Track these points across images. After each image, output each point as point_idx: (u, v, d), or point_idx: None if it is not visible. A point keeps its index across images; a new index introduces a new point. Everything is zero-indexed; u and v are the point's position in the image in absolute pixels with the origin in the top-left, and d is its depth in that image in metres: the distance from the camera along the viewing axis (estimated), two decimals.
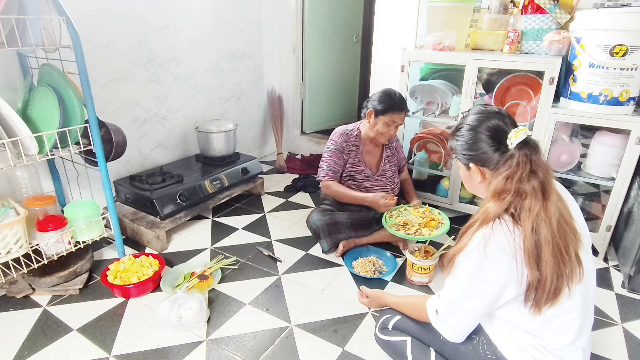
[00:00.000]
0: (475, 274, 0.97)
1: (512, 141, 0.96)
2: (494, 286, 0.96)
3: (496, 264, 0.94)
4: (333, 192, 2.05)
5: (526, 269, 0.91)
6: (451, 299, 1.06)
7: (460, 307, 1.04)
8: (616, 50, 1.74)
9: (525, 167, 0.95)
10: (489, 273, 0.95)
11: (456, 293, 1.04)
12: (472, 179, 1.09)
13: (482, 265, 0.95)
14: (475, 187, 1.12)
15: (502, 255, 0.93)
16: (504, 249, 0.93)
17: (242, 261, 2.00)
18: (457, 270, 1.02)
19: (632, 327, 1.62)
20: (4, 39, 1.42)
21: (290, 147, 3.64)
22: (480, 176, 1.05)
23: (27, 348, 1.45)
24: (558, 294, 0.93)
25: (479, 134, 1.02)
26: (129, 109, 2.35)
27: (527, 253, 0.91)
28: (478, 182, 1.07)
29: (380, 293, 1.43)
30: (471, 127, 1.03)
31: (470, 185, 1.14)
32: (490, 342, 1.09)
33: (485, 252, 0.94)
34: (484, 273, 0.96)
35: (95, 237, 1.83)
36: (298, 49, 3.32)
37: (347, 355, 1.45)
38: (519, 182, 0.94)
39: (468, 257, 0.98)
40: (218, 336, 1.52)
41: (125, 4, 2.19)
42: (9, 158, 1.49)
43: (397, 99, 1.95)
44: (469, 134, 1.04)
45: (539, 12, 2.08)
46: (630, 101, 1.83)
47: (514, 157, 0.96)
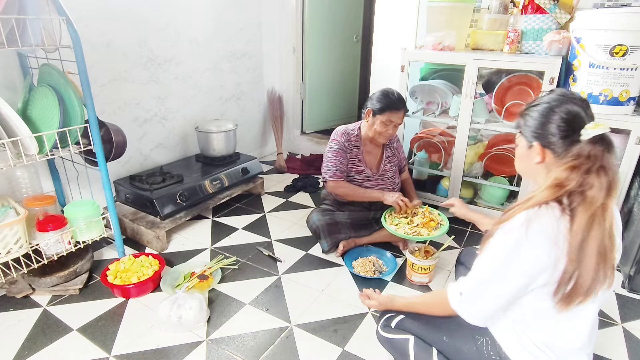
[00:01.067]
0: (512, 253, 0.92)
1: (588, 132, 0.91)
2: (528, 269, 0.91)
3: (536, 247, 0.90)
4: (344, 191, 2.03)
5: (563, 258, 0.88)
6: (481, 278, 0.99)
7: (488, 289, 0.98)
8: (616, 50, 1.74)
9: (596, 161, 0.90)
10: (527, 255, 0.90)
11: (487, 272, 0.97)
12: (530, 158, 1.03)
13: (521, 245, 0.90)
14: (528, 167, 1.06)
15: (543, 238, 0.89)
16: (546, 233, 0.89)
17: (242, 261, 2.00)
18: (492, 248, 0.96)
19: (632, 327, 1.62)
20: (4, 39, 1.42)
21: (290, 147, 3.64)
22: (540, 158, 1.00)
23: (27, 348, 1.45)
24: (590, 293, 0.91)
25: (554, 114, 0.96)
26: (129, 109, 2.36)
27: (573, 244, 0.88)
28: (535, 162, 1.01)
29: (391, 297, 1.34)
30: (550, 105, 0.97)
31: (523, 164, 1.08)
32: (494, 343, 1.07)
33: (527, 233, 0.89)
34: (521, 254, 0.91)
35: (95, 237, 1.83)
36: (298, 49, 3.32)
37: (347, 355, 1.45)
38: (585, 174, 0.90)
39: (507, 235, 0.93)
40: (218, 336, 1.52)
41: (125, 4, 2.19)
42: (9, 158, 1.49)
43: (394, 98, 1.95)
44: (545, 111, 0.97)
45: (539, 12, 2.08)
46: (630, 101, 1.83)
47: (585, 148, 0.91)
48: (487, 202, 2.37)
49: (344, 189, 2.02)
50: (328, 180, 2.03)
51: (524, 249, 0.90)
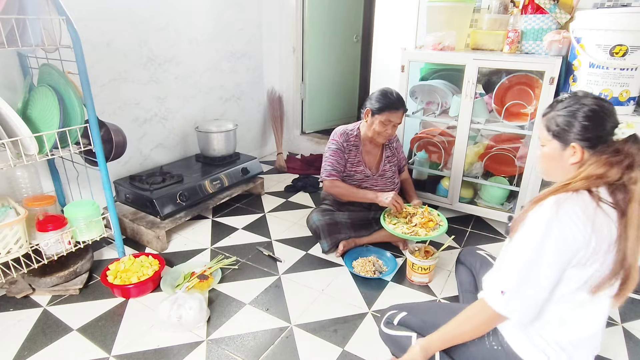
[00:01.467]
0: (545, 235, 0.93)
1: (623, 131, 0.97)
2: (563, 249, 0.93)
3: (567, 225, 0.92)
4: (339, 191, 2.03)
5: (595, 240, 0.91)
6: (519, 267, 0.98)
7: (530, 276, 0.96)
8: (616, 50, 1.74)
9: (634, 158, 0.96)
10: (560, 234, 0.92)
11: (524, 260, 0.97)
12: (564, 159, 1.04)
13: (553, 225, 0.92)
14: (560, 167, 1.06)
15: (575, 217, 0.92)
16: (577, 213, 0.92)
17: (242, 261, 2.00)
18: (524, 235, 0.98)
19: (632, 327, 1.62)
20: (4, 39, 1.42)
21: (290, 147, 3.64)
22: (579, 157, 1.01)
23: (27, 348, 1.45)
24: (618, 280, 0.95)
25: (597, 116, 0.99)
26: (129, 109, 2.36)
27: (629, 235, 0.92)
28: (570, 163, 1.03)
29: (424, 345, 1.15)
30: (591, 108, 1.00)
31: (553, 165, 1.08)
32: (496, 332, 1.07)
33: (558, 213, 0.92)
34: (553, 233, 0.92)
35: (95, 237, 1.83)
36: (298, 49, 3.32)
37: (347, 355, 1.45)
38: (627, 170, 0.95)
39: (539, 216, 0.95)
40: (218, 336, 1.52)
41: (125, 4, 2.19)
42: (9, 158, 1.49)
43: (393, 98, 1.95)
44: (588, 113, 1.00)
45: (539, 12, 2.08)
46: (630, 101, 1.83)
47: (622, 146, 0.97)
48: (487, 202, 2.37)
49: (339, 189, 2.03)
50: (324, 180, 2.04)
51: (555, 229, 0.92)
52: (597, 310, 1.01)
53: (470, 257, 1.54)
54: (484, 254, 1.51)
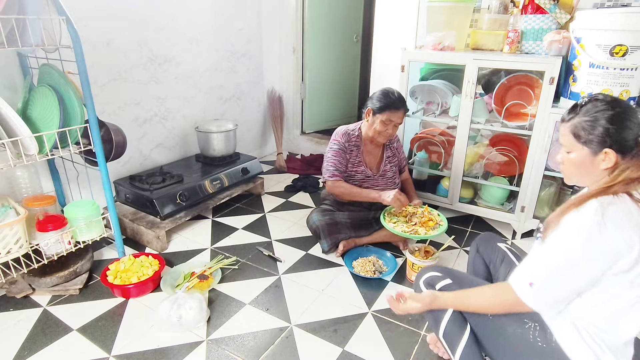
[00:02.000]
0: (588, 238, 0.92)
1: None
2: (606, 254, 0.92)
3: (613, 231, 0.90)
4: (341, 191, 2.02)
5: (637, 243, 0.90)
6: (554, 266, 0.96)
7: (563, 276, 0.95)
8: (616, 50, 1.74)
9: None
10: (605, 239, 0.91)
11: (561, 259, 0.95)
12: (594, 165, 1.02)
13: (597, 229, 0.91)
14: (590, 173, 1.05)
15: (620, 222, 0.91)
16: (622, 217, 0.91)
17: (242, 261, 2.00)
18: (564, 235, 0.95)
19: None
20: (4, 39, 1.42)
21: (290, 147, 3.64)
22: (613, 163, 1.00)
23: (27, 348, 1.45)
24: None
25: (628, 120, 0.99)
26: (129, 109, 2.36)
27: None
28: (602, 169, 1.01)
29: (433, 294, 1.18)
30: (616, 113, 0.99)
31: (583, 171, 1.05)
32: (544, 329, 1.03)
33: (603, 217, 0.91)
34: (598, 238, 0.91)
35: (95, 237, 1.83)
36: (298, 49, 3.32)
37: (347, 355, 1.45)
38: None
39: (581, 220, 0.94)
40: (218, 336, 1.52)
41: (125, 4, 2.19)
42: (9, 158, 1.49)
43: (394, 97, 1.95)
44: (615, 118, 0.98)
45: (539, 12, 2.08)
46: (630, 101, 1.83)
47: None
48: (487, 202, 2.37)
49: (341, 189, 2.02)
50: (327, 180, 2.03)
51: (601, 234, 0.91)
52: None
53: (490, 251, 1.45)
54: (505, 249, 1.43)
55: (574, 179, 1.10)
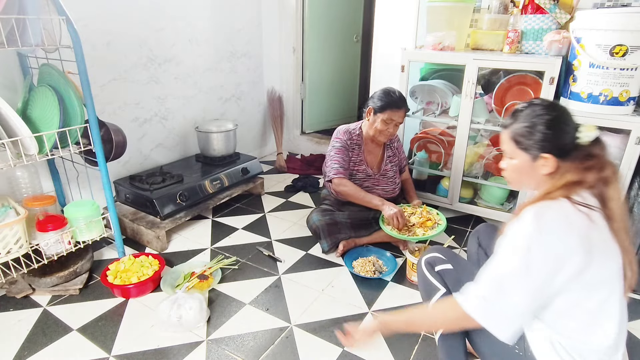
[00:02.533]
0: (526, 247, 0.91)
1: (588, 135, 0.98)
2: (547, 264, 0.90)
3: (552, 238, 0.90)
4: (345, 190, 2.00)
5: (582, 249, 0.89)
6: (498, 276, 0.94)
7: (506, 288, 0.92)
8: (616, 50, 1.74)
9: (602, 159, 0.97)
10: (543, 248, 0.90)
11: (503, 270, 0.93)
12: (535, 171, 1.03)
13: (535, 238, 0.90)
14: (532, 179, 1.06)
15: (558, 229, 0.90)
16: (561, 223, 0.91)
17: (242, 261, 2.00)
18: (506, 244, 0.95)
19: (632, 327, 1.62)
20: (4, 39, 1.42)
21: (290, 147, 3.64)
22: (552, 168, 1.00)
23: (27, 348, 1.45)
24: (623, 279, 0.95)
25: (562, 124, 1.00)
26: (129, 109, 2.36)
27: (621, 231, 0.94)
28: (543, 174, 1.02)
29: (383, 322, 1.11)
30: (553, 117, 1.00)
31: (524, 176, 1.07)
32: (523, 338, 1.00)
33: (539, 225, 0.90)
34: (537, 247, 0.90)
35: (95, 237, 1.83)
36: (298, 49, 3.32)
37: (347, 355, 1.45)
38: (600, 172, 0.96)
39: (520, 227, 0.93)
40: (218, 336, 1.52)
41: (125, 4, 2.19)
42: (9, 158, 1.49)
43: (396, 97, 1.95)
44: (552, 123, 1.00)
45: (539, 12, 2.08)
46: (630, 101, 1.83)
47: (590, 149, 0.97)
48: (487, 202, 2.37)
49: (346, 188, 2.00)
50: (332, 178, 2.01)
51: (538, 241, 0.90)
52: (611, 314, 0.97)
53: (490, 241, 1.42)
54: None
55: (517, 185, 1.11)
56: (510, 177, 1.12)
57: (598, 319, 0.96)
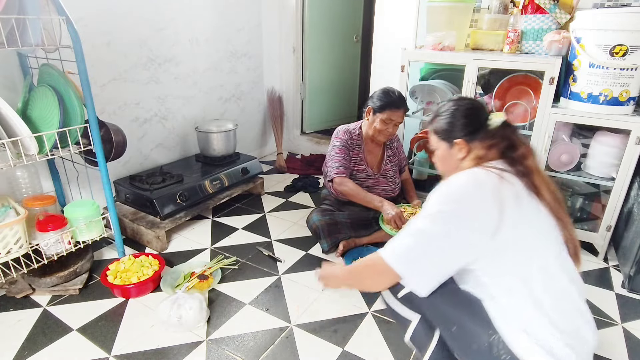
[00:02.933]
0: (442, 210, 0.99)
1: (495, 120, 1.11)
2: (461, 219, 0.97)
3: (462, 192, 1.00)
4: (346, 190, 1.99)
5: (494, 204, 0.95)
6: (415, 230, 1.01)
7: (430, 244, 0.98)
8: (616, 50, 1.74)
9: (511, 139, 1.08)
10: (456, 202, 0.99)
11: (419, 224, 1.01)
12: (453, 157, 1.17)
13: (448, 196, 1.01)
14: (452, 165, 1.18)
15: (468, 183, 1.00)
16: (470, 179, 1.01)
17: (242, 261, 2.00)
18: (424, 210, 1.03)
19: (632, 327, 1.62)
20: (4, 39, 1.42)
21: (290, 147, 3.64)
22: (465, 152, 1.13)
23: (27, 348, 1.45)
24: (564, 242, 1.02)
25: (471, 112, 1.15)
26: (129, 109, 2.36)
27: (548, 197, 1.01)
28: (459, 158, 1.15)
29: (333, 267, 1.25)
30: (457, 106, 1.16)
31: (447, 164, 1.21)
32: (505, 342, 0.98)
33: (449, 186, 1.02)
34: (451, 203, 0.99)
35: (95, 237, 1.83)
36: (298, 49, 3.32)
37: (347, 355, 1.45)
38: (509, 150, 1.06)
39: (435, 193, 1.03)
40: (218, 336, 1.52)
41: (125, 4, 2.19)
42: (9, 158, 1.49)
43: (395, 97, 1.95)
44: (456, 113, 1.16)
45: (539, 12, 2.08)
46: (630, 101, 1.83)
47: (498, 132, 1.10)
48: None
49: (347, 188, 1.99)
50: (334, 177, 2.01)
51: (450, 199, 1.00)
52: (563, 279, 0.99)
53: None
54: None
55: (446, 174, 1.20)
56: (439, 167, 1.25)
57: (554, 291, 0.97)
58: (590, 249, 2.11)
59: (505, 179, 0.99)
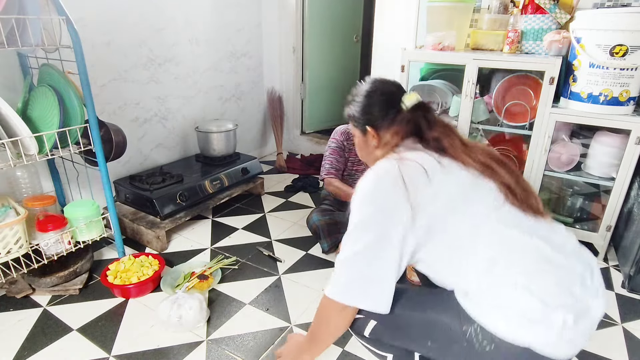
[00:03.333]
0: (361, 214, 0.95)
1: (406, 104, 1.06)
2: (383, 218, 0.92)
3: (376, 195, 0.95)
4: (334, 190, 2.04)
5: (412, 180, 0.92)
6: (345, 254, 0.94)
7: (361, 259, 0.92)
8: (616, 50, 1.74)
9: (421, 122, 1.03)
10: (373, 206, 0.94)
11: (349, 247, 0.94)
12: (368, 144, 1.14)
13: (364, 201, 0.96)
14: (370, 153, 1.14)
15: (377, 184, 0.95)
16: (387, 168, 0.96)
17: (242, 261, 2.00)
18: (352, 212, 0.98)
19: (632, 327, 1.62)
20: (4, 39, 1.42)
21: (290, 147, 3.64)
22: (376, 140, 1.10)
23: (27, 348, 1.45)
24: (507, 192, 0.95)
25: (374, 98, 1.11)
26: (129, 109, 2.35)
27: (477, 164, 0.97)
28: (374, 146, 1.11)
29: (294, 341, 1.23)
30: (368, 92, 1.12)
31: (365, 152, 1.18)
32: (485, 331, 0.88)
33: (368, 179, 0.97)
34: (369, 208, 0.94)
35: (95, 237, 1.83)
36: (298, 49, 3.32)
37: (347, 355, 1.45)
38: (429, 130, 1.02)
39: (354, 201, 0.98)
40: (218, 336, 1.52)
41: (125, 4, 2.19)
42: (9, 158, 1.49)
43: None
44: (366, 99, 1.12)
45: (539, 12, 2.08)
46: (630, 101, 1.83)
47: (406, 116, 1.05)
48: None
49: (333, 187, 2.03)
50: (324, 178, 2.06)
51: (366, 206, 0.95)
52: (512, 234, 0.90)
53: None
54: None
55: (368, 163, 1.17)
56: (360, 155, 1.22)
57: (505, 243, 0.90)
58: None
59: (406, 160, 0.95)
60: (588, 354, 1.47)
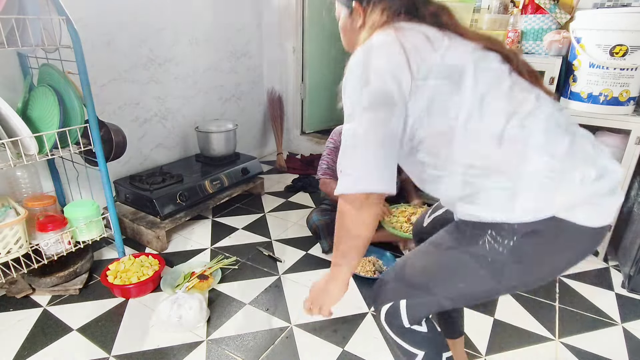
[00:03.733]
0: (356, 95, 0.85)
1: None
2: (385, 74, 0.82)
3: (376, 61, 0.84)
4: (328, 191, 2.06)
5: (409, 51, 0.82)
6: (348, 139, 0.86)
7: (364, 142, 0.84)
8: (616, 50, 1.74)
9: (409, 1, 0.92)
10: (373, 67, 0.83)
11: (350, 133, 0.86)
12: (354, 24, 1.00)
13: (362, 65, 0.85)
14: (355, 37, 1.00)
15: (378, 48, 0.85)
16: (381, 39, 0.86)
17: (242, 261, 2.00)
18: (345, 94, 0.88)
19: (632, 327, 1.62)
20: (4, 39, 1.42)
21: (290, 147, 3.64)
22: (362, 18, 0.96)
23: (27, 348, 1.45)
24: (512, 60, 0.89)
25: None
26: (129, 109, 2.35)
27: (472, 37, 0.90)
28: (358, 26, 0.98)
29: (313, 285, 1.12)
30: None
31: (347, 35, 1.04)
32: (500, 226, 0.82)
33: (352, 74, 0.86)
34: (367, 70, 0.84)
35: (95, 237, 1.83)
36: (298, 49, 3.32)
37: (347, 355, 1.45)
38: (406, 11, 0.92)
39: (345, 87, 0.88)
40: (218, 336, 1.52)
41: (125, 4, 2.19)
42: (9, 158, 1.49)
43: None
44: None
45: (539, 12, 2.08)
46: (630, 101, 1.83)
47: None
48: None
49: (328, 188, 2.05)
50: (320, 178, 2.08)
51: (361, 86, 0.84)
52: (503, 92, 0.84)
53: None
54: None
55: (349, 49, 1.04)
56: (343, 40, 1.07)
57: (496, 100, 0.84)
58: None
59: (404, 29, 0.87)
60: (588, 354, 1.47)
